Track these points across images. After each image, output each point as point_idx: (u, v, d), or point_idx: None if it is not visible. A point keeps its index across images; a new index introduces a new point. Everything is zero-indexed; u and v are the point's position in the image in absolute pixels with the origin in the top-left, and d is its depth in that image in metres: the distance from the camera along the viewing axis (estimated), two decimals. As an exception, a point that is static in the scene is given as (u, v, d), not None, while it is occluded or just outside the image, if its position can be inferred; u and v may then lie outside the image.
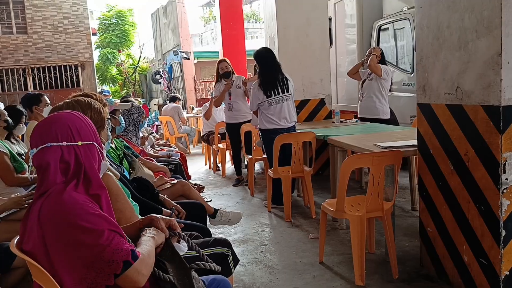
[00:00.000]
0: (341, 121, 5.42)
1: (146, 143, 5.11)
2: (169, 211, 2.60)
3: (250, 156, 5.60)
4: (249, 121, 5.59)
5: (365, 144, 3.41)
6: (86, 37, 13.75)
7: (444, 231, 2.77)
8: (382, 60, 5.45)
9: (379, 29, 6.68)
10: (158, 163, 3.81)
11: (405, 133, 4.00)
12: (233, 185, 6.03)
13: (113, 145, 3.08)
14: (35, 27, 13.26)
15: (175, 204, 2.70)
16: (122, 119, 3.23)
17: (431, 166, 2.82)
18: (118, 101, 4.60)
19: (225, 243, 2.13)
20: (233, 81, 5.80)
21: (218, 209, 3.45)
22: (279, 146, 4.22)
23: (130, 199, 1.94)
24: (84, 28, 13.73)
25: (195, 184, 5.79)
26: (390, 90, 5.44)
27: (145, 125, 7.36)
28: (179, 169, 5.15)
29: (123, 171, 2.58)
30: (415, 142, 3.08)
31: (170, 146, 6.32)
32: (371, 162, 2.73)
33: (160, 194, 2.74)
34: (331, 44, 7.48)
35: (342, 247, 3.48)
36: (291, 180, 4.34)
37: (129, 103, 3.34)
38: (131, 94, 19.00)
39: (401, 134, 3.97)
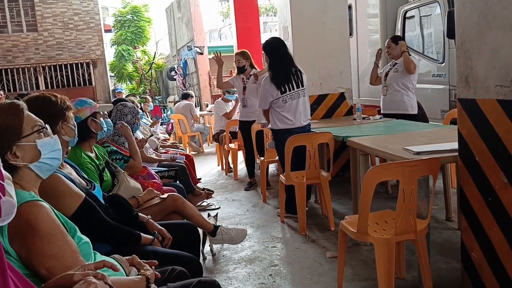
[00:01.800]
0: (363, 118, 4.85)
1: (147, 145, 4.65)
2: (150, 237, 2.11)
3: (262, 158, 5.09)
4: (261, 119, 5.07)
5: (392, 148, 2.85)
6: (97, 34, 13.41)
7: (494, 257, 2.22)
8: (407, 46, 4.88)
9: (405, 16, 6.05)
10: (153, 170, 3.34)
11: (438, 133, 3.42)
12: (244, 189, 5.54)
13: (92, 154, 2.62)
14: (45, 24, 13.00)
15: (159, 227, 2.21)
16: (106, 122, 2.77)
17: (477, 177, 2.26)
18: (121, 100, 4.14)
19: (212, 286, 1.64)
20: (251, 75, 5.30)
21: (219, 226, 2.96)
22: (291, 149, 3.69)
23: (79, 234, 1.46)
24: (95, 24, 13.39)
25: (203, 189, 5.36)
26: None
27: (158, 128, 7.00)
28: (183, 174, 4.69)
29: (94, 188, 2.10)
30: (454, 145, 2.52)
31: (177, 147, 5.85)
32: (401, 174, 2.18)
33: (141, 215, 2.26)
34: (351, 33, 6.88)
35: (366, 269, 2.94)
36: (305, 187, 3.81)
37: (110, 104, 2.87)
38: (148, 91, 18.74)
39: (434, 134, 3.39)
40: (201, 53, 12.68)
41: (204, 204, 4.89)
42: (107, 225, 1.96)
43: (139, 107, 5.26)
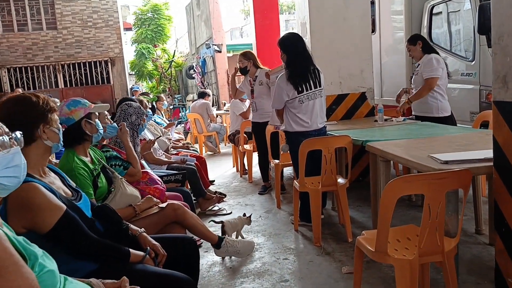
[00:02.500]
0: (386, 120, 4.55)
1: (156, 146, 4.46)
2: (141, 253, 1.89)
3: (277, 161, 4.84)
4: (275, 120, 4.82)
5: (416, 155, 2.56)
6: (115, 32, 13.35)
7: (535, 285, 1.92)
8: (428, 47, 4.52)
9: (431, 11, 5.70)
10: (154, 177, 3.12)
11: (468, 138, 3.10)
12: (258, 193, 5.29)
13: (86, 159, 2.42)
14: (64, 22, 13.01)
15: (153, 242, 1.99)
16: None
17: (516, 192, 1.96)
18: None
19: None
20: (256, 76, 5.06)
21: (224, 238, 2.73)
22: (305, 153, 3.43)
23: (42, 261, 1.24)
24: (114, 22, 13.34)
25: (215, 192, 5.14)
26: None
27: (173, 129, 6.80)
28: (193, 176, 4.49)
29: (79, 199, 1.89)
30: (488, 153, 2.22)
31: (189, 148, 5.65)
32: (427, 187, 1.90)
33: (133, 227, 2.04)
34: (373, 30, 6.56)
35: (385, 289, 2.66)
36: (321, 195, 3.54)
37: (107, 104, 2.66)
38: (167, 90, 18.67)
39: (463, 139, 3.07)
40: (219, 51, 12.47)
41: (216, 208, 4.68)
42: (91, 240, 1.75)
43: (149, 106, 5.06)
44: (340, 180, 3.59)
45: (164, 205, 2.48)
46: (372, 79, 5.29)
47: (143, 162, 4.01)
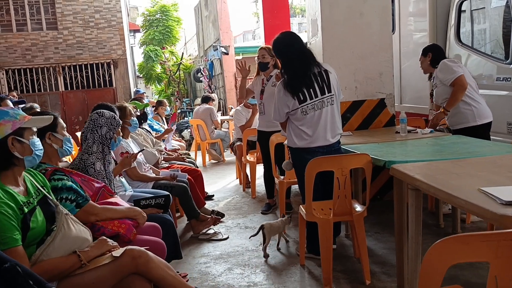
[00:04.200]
0: (409, 131, 3.88)
1: (140, 160, 3.85)
2: None
3: (282, 178, 4.19)
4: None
5: (460, 186, 1.90)
6: (119, 32, 12.79)
7: None
8: (439, 60, 3.91)
9: (459, 8, 5.00)
10: (124, 207, 2.49)
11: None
12: (261, 212, 4.65)
13: (17, 189, 1.81)
14: (65, 22, 12.50)
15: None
16: (38, 141, 1.93)
17: None
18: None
19: None
20: (271, 76, 4.41)
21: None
22: (313, 175, 2.78)
23: None
24: (117, 22, 12.79)
25: (212, 212, 4.51)
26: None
27: (170, 137, 6.20)
28: (184, 195, 3.88)
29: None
30: None
31: (184, 160, 5.02)
32: (494, 253, 1.24)
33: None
34: (393, 30, 5.88)
35: None
36: (332, 226, 2.88)
37: (48, 116, 2.05)
38: (176, 93, 18.14)
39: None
40: (227, 53, 11.86)
41: (210, 232, 4.05)
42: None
43: (136, 113, 4.46)
44: (357, 207, 2.94)
45: (119, 252, 1.85)
46: (392, 83, 4.62)
47: (123, 180, 3.42)
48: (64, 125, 2.42)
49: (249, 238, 3.71)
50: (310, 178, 2.78)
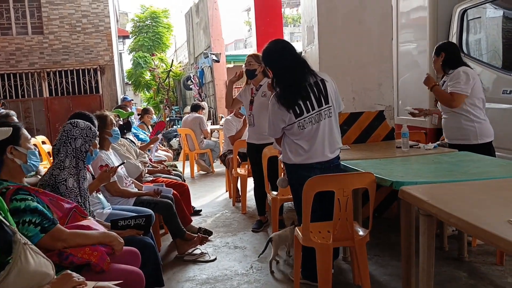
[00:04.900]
0: (411, 146, 3.63)
1: (121, 173, 3.55)
2: None
3: (275, 194, 3.91)
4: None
5: (485, 216, 1.65)
6: (106, 38, 12.42)
7: None
8: (451, 62, 3.66)
9: (462, 16, 4.80)
10: (97, 232, 2.18)
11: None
12: (252, 230, 4.36)
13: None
14: (51, 26, 12.09)
15: None
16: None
17: None
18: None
19: None
20: (261, 85, 4.16)
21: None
22: (312, 195, 2.50)
23: None
24: (105, 27, 12.42)
25: (199, 230, 4.21)
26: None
27: (155, 148, 5.89)
28: (169, 213, 3.59)
29: None
30: None
31: (170, 173, 4.72)
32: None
33: None
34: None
35: None
36: (332, 251, 2.61)
37: (7, 128, 1.76)
38: (165, 101, 17.85)
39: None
40: (217, 61, 11.60)
41: (197, 252, 3.75)
42: None
43: (119, 123, 4.16)
44: (359, 231, 2.67)
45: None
46: (392, 95, 4.39)
47: (101, 196, 3.12)
48: (29, 137, 2.12)
49: (258, 256, 3.55)
50: (308, 198, 2.50)
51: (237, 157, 5.40)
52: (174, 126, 11.81)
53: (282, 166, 3.41)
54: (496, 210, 1.72)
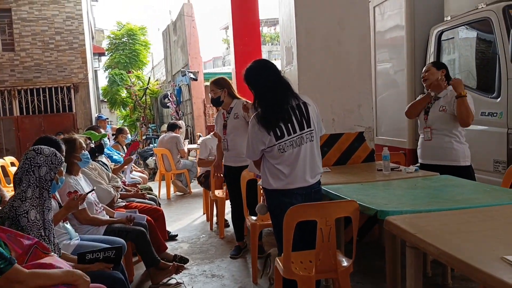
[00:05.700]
0: (392, 169, 3.57)
1: (92, 199, 3.35)
2: None
3: (254, 219, 3.77)
4: (250, 165, 3.76)
5: (477, 252, 1.56)
6: (80, 55, 12.13)
7: None
8: (449, 80, 3.67)
9: (439, 38, 4.83)
10: (60, 270, 2.00)
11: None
12: (230, 256, 4.19)
13: None
14: (23, 43, 11.76)
15: None
16: None
17: None
18: None
19: None
20: (232, 107, 4.07)
21: None
22: (293, 225, 2.38)
23: None
24: (79, 45, 12.14)
25: (175, 257, 4.02)
26: None
27: (128, 170, 5.66)
28: (142, 241, 3.41)
29: None
30: None
31: (144, 196, 4.53)
32: None
33: None
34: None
35: None
36: (314, 284, 2.47)
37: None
38: (141, 119, 17.56)
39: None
40: (195, 79, 11.48)
41: (172, 282, 3.57)
42: None
43: (89, 146, 3.98)
44: (343, 261, 2.55)
45: None
46: (371, 116, 4.36)
47: (68, 226, 2.92)
48: None
49: (261, 276, 3.47)
50: (289, 228, 2.37)
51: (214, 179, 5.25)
52: (151, 145, 11.55)
53: (261, 192, 3.28)
54: (487, 245, 1.63)
